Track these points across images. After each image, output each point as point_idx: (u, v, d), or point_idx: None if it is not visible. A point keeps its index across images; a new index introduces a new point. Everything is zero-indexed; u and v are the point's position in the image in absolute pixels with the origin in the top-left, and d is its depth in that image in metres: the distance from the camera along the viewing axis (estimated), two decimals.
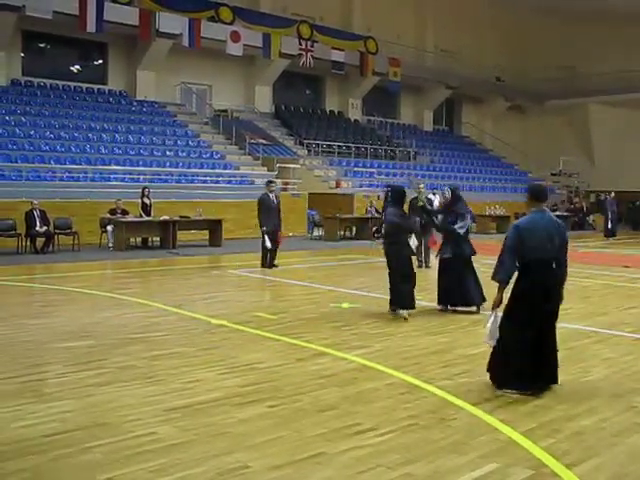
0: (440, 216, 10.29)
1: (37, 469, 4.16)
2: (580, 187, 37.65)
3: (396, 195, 9.53)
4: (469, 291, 9.63)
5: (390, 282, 9.35)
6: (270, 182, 15.19)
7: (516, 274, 5.86)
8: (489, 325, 5.85)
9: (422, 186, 15.45)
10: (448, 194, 10.21)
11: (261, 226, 14.40)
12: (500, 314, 5.84)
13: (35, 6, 22.05)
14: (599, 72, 35.17)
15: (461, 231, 9.80)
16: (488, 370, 5.97)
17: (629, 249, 21.49)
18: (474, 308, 9.60)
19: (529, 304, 5.70)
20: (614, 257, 18.92)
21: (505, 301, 5.86)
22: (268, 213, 14.41)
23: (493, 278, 5.87)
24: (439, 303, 9.85)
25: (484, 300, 9.42)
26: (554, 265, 5.77)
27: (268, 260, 14.48)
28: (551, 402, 5.61)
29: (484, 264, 15.89)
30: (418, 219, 10.56)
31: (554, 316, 5.86)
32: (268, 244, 14.26)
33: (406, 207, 10.90)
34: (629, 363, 6.80)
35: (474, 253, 10.00)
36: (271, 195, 14.63)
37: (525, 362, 5.70)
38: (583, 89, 36.78)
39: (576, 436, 4.85)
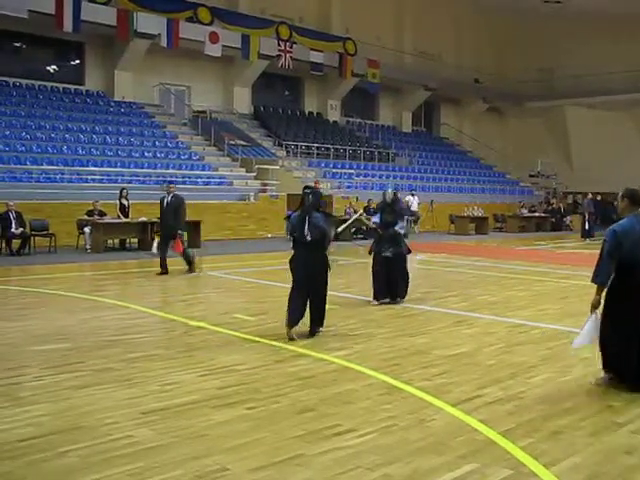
0: (378, 215, 10.68)
1: (12, 474, 4.09)
2: (558, 188, 37.98)
3: (320, 198, 8.68)
4: (403, 287, 10.48)
5: (321, 300, 8.06)
6: (169, 183, 14.10)
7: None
8: (587, 327, 6.00)
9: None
10: (390, 194, 10.55)
11: (157, 231, 13.63)
12: (598, 315, 5.99)
13: (10, 5, 21.82)
14: (577, 74, 35.53)
15: (402, 231, 10.46)
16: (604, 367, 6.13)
17: None
18: (400, 300, 10.41)
19: (625, 304, 5.87)
20: (591, 258, 19.06)
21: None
22: (160, 217, 13.68)
23: (593, 281, 5.99)
24: (378, 298, 10.34)
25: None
26: None
27: (160, 266, 13.29)
28: (529, 402, 5.63)
29: (464, 265, 16.03)
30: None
31: None
32: (153, 250, 13.35)
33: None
34: None
35: (409, 252, 10.73)
36: (168, 197, 13.51)
37: (624, 362, 5.88)
38: (561, 91, 37.16)
39: (554, 435, 4.87)
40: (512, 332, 8.44)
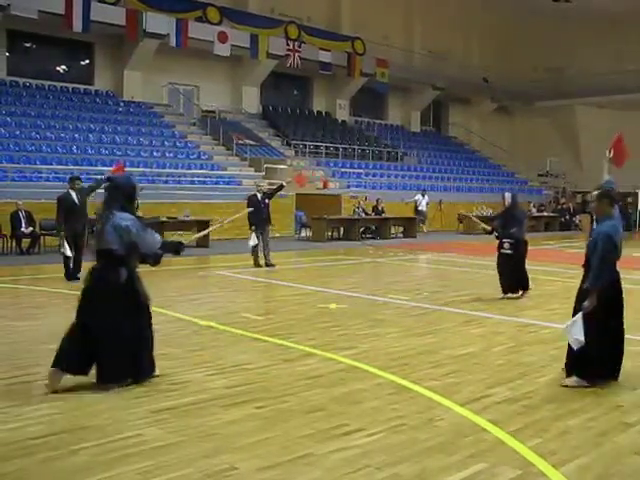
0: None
1: (23, 472, 4.12)
2: (567, 188, 37.86)
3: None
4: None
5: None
6: (75, 179, 12.53)
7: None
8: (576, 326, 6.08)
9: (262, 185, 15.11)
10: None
11: (58, 230, 12.39)
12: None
13: (20, 5, 21.95)
14: (586, 74, 35.38)
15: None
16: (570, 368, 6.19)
17: None
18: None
19: (609, 301, 6.05)
20: None
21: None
22: (69, 215, 12.08)
23: (594, 284, 5.93)
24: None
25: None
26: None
27: (71, 271, 12.15)
28: (538, 402, 5.62)
29: (473, 264, 15.99)
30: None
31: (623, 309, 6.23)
32: (67, 252, 11.95)
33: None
34: None
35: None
36: (73, 193, 12.24)
37: (604, 355, 6.06)
38: (570, 91, 36.97)
39: (563, 436, 4.87)
40: (521, 332, 8.43)
